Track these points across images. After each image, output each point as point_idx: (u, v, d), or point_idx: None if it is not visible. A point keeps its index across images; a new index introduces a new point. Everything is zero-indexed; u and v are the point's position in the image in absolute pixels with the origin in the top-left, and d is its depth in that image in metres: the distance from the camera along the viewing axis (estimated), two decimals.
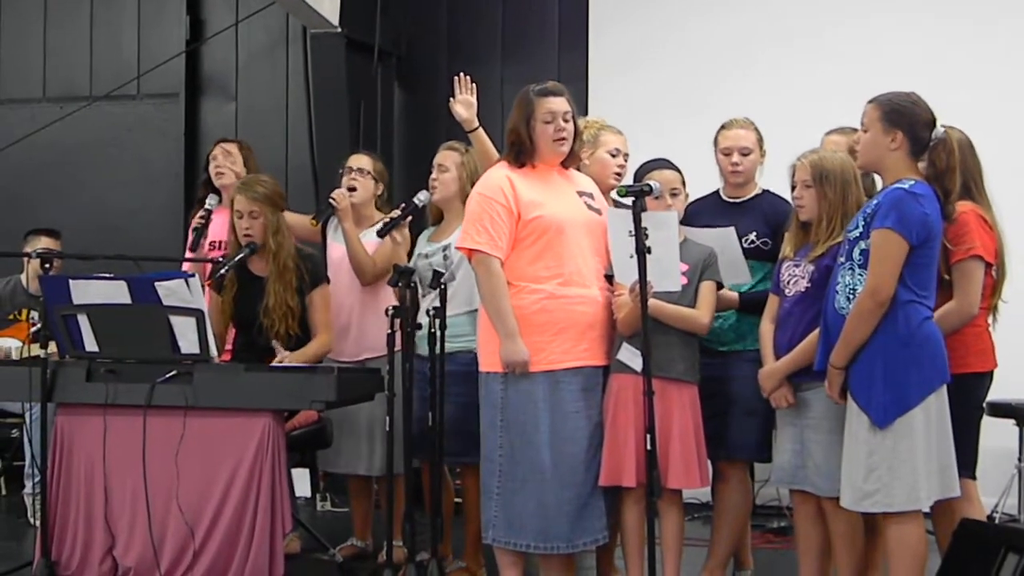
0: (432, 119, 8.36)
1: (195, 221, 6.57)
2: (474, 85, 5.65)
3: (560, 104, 5.13)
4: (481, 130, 5.67)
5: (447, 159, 5.90)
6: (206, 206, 6.62)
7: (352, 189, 6.23)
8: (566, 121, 5.14)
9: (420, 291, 5.48)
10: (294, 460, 6.02)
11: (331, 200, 6.15)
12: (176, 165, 9.38)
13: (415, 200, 5.94)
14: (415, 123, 8.19)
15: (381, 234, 5.89)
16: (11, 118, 9.66)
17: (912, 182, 4.47)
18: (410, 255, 5.94)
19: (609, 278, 5.09)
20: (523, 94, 5.18)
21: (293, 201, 6.31)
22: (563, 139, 5.15)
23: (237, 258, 5.96)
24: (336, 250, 6.25)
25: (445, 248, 5.69)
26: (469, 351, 5.42)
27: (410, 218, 5.89)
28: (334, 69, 8.35)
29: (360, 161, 6.37)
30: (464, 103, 5.65)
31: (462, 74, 5.67)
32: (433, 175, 5.93)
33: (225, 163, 6.69)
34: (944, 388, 4.45)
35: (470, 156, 5.85)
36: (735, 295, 5.35)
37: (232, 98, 9.38)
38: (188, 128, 9.39)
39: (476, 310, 5.47)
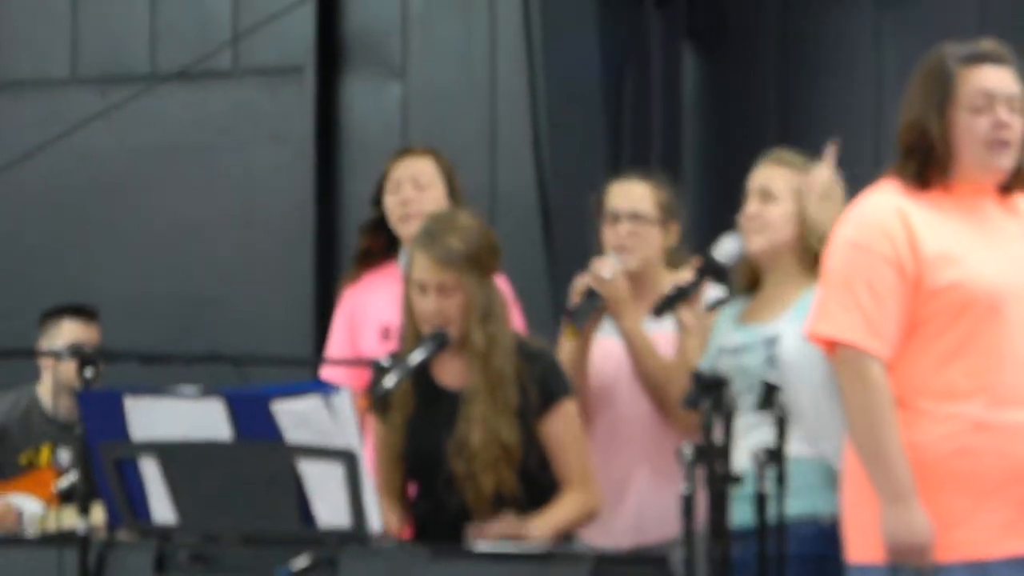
0: (749, 100, 6.56)
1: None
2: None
3: (1002, 80, 4.20)
4: None
5: (775, 180, 4.76)
6: None
7: (620, 249, 4.92)
8: (1013, 110, 4.19)
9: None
10: None
11: (592, 288, 4.86)
12: (302, 187, 7.25)
13: (718, 253, 4.77)
14: (719, 106, 6.51)
15: (658, 311, 4.75)
16: (20, 110, 7.47)
17: None
18: None
19: None
20: (934, 61, 4.18)
21: (506, 256, 4.69)
22: (1006, 143, 4.18)
23: (416, 360, 4.70)
24: (602, 348, 5.00)
25: (772, 340, 4.65)
26: (817, 520, 4.60)
27: (709, 287, 4.78)
28: (574, 12, 6.63)
29: (631, 195, 5.00)
30: None
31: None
32: (750, 206, 4.78)
33: (420, 200, 5.22)
34: None
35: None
36: None
37: (396, 73, 7.35)
38: (322, 127, 7.31)
39: None
